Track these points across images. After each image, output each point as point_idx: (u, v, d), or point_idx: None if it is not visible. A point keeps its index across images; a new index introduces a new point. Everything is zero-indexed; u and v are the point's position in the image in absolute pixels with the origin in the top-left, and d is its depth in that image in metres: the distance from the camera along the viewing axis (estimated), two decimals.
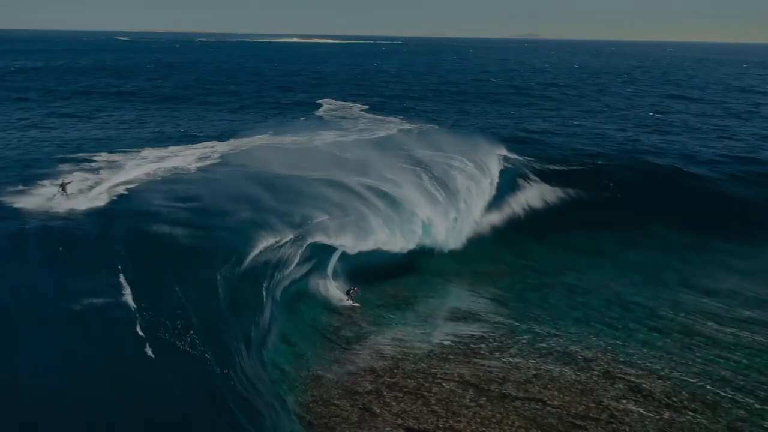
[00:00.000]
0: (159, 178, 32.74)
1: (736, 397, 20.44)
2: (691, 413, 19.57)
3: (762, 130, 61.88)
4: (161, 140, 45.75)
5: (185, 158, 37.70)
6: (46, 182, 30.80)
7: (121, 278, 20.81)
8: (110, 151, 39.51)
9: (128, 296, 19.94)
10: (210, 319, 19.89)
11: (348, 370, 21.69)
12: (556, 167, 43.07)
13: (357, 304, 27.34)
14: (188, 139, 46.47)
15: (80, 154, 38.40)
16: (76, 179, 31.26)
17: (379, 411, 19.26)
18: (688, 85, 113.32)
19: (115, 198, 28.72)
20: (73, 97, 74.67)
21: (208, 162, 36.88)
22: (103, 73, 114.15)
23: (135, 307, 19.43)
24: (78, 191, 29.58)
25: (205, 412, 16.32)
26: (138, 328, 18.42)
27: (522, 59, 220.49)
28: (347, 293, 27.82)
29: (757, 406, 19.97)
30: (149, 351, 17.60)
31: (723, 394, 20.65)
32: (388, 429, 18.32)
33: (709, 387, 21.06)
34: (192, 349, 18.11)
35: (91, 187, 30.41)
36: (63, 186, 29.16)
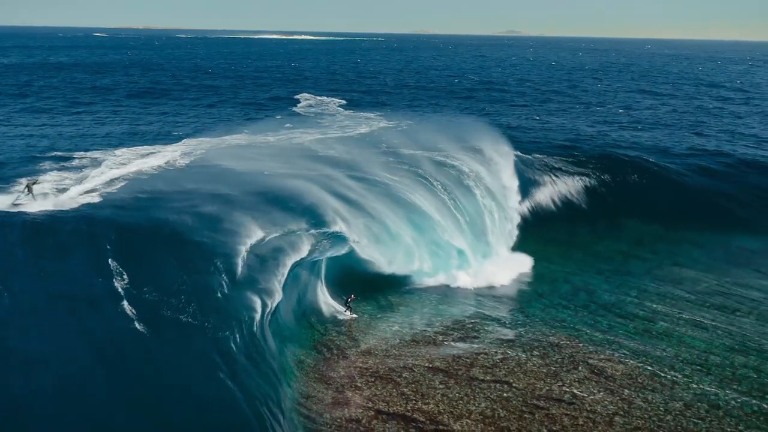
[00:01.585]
0: (132, 179, 32.15)
1: (692, 378, 21.32)
2: (649, 392, 20.39)
3: (731, 126, 63.45)
4: (134, 139, 45.53)
5: (159, 158, 37.13)
6: (13, 182, 30.06)
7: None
8: (84, 150, 39.38)
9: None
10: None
11: (325, 356, 22.26)
12: (531, 158, 43.82)
13: (355, 316, 25.85)
14: (162, 137, 46.38)
15: (53, 153, 38.24)
16: (45, 180, 30.50)
17: (350, 395, 19.85)
18: (662, 81, 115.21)
19: (86, 200, 28.14)
20: (46, 93, 74.20)
21: (185, 161, 36.48)
22: (79, 69, 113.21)
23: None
24: (44, 193, 28.75)
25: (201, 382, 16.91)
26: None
27: (500, 56, 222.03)
28: (346, 303, 26.01)
29: (713, 387, 20.85)
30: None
31: (680, 375, 21.51)
32: (360, 411, 18.91)
33: (667, 369, 21.91)
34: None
35: (60, 189, 29.71)
36: (28, 187, 28.13)
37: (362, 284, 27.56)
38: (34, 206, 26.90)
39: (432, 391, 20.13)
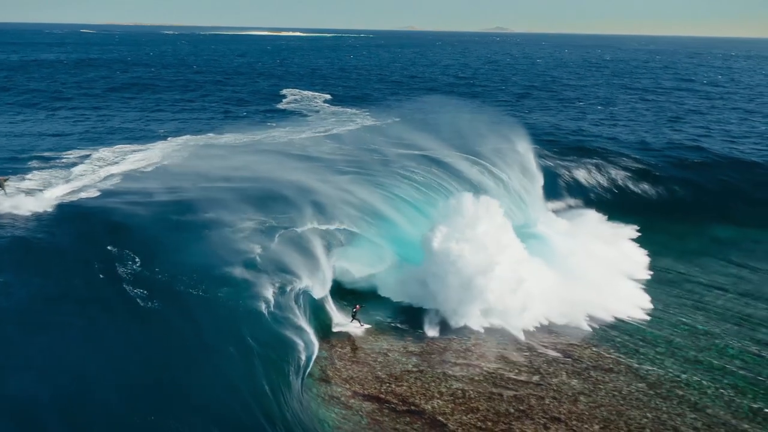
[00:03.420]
0: (116, 179, 32.36)
1: (655, 362, 22.31)
2: (614, 375, 21.35)
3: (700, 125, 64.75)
4: (118, 137, 45.67)
5: (142, 157, 37.10)
6: None
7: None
8: (66, 149, 39.70)
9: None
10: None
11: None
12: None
13: (367, 326, 24.17)
14: (147, 135, 46.68)
15: (33, 153, 38.50)
16: (27, 178, 30.65)
17: (331, 374, 20.78)
18: (642, 77, 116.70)
19: (66, 200, 28.46)
20: (28, 91, 74.27)
21: (167, 161, 36.47)
22: (62, 66, 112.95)
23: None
24: (23, 191, 28.89)
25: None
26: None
27: (486, 53, 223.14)
28: (353, 315, 23.97)
29: (673, 368, 21.84)
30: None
31: (638, 363, 22.49)
32: (338, 389, 19.74)
33: (632, 356, 22.87)
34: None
35: (40, 189, 29.89)
36: (0, 184, 28.12)
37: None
38: (5, 204, 27.05)
39: (406, 375, 20.97)
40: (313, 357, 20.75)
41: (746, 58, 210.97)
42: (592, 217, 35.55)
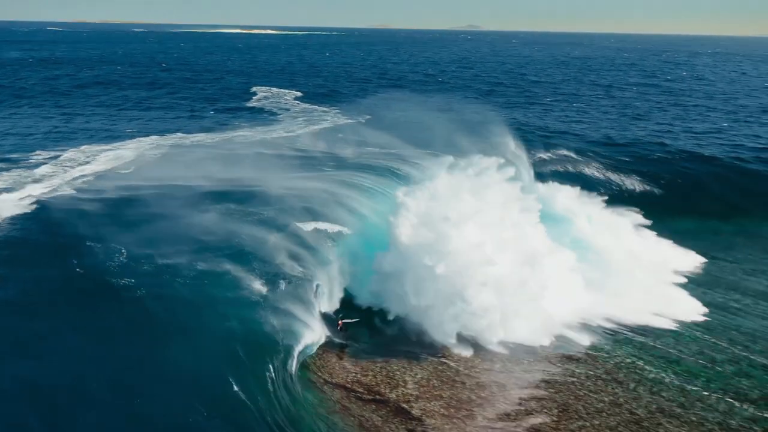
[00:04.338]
0: (79, 183, 31.70)
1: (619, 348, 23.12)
2: (574, 363, 22.05)
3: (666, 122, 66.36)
4: (83, 138, 44.86)
5: (108, 159, 36.42)
6: None
7: None
8: (29, 150, 39.06)
9: None
10: None
11: None
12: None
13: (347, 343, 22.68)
14: (113, 135, 46.14)
15: None
16: None
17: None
18: (607, 73, 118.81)
19: (25, 206, 27.92)
20: None
21: (133, 165, 35.51)
22: (27, 63, 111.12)
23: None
24: None
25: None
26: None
27: (457, 51, 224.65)
28: (339, 326, 22.74)
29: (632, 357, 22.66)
30: None
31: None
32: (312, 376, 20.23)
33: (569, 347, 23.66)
34: None
35: (5, 188, 29.58)
36: None
37: None
38: None
39: (371, 365, 21.39)
40: (298, 345, 20.83)
41: (712, 55, 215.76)
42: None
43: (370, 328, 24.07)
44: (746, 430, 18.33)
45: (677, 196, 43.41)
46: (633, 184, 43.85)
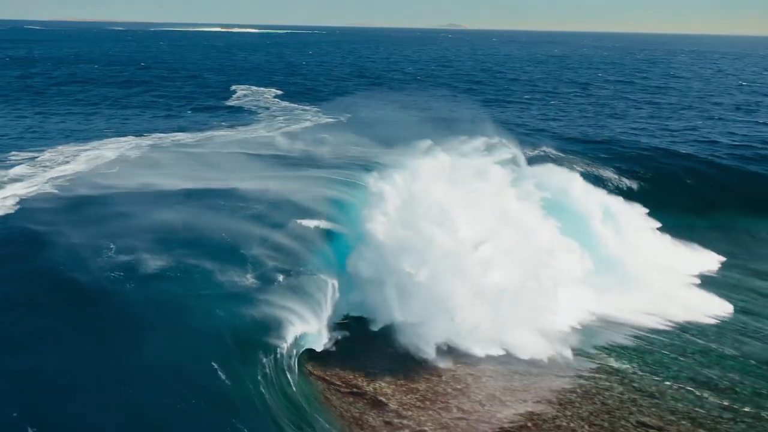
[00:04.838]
0: (50, 189, 30.53)
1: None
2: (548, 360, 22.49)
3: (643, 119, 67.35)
4: (56, 138, 43.97)
5: (80, 161, 35.55)
6: None
7: None
8: (5, 149, 38.41)
9: None
10: None
11: None
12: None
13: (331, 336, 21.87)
14: (88, 135, 45.41)
15: None
16: None
17: None
18: (584, 72, 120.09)
19: (18, 199, 27.69)
20: None
21: (108, 168, 34.30)
22: (2, 63, 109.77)
23: None
24: None
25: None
26: None
27: (437, 49, 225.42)
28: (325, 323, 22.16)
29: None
30: None
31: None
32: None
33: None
34: None
35: None
36: None
37: None
38: None
39: (349, 359, 21.63)
40: (282, 338, 20.86)
41: (690, 53, 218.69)
42: None
43: (355, 327, 24.23)
44: (714, 419, 18.86)
45: (656, 191, 44.11)
46: (610, 179, 44.45)
